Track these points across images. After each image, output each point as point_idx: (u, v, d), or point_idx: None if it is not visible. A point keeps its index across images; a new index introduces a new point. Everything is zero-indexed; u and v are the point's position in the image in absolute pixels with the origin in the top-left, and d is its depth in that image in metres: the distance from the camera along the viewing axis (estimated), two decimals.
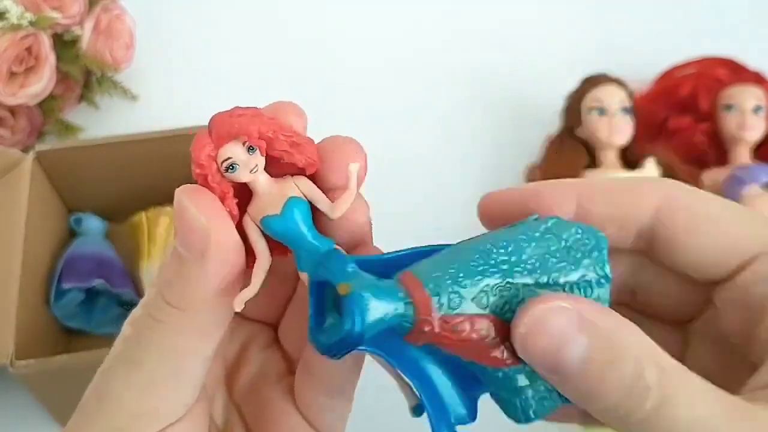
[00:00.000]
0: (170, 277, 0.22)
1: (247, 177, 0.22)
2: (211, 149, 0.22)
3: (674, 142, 0.64)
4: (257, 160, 0.22)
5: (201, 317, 0.22)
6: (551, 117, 0.65)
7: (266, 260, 0.23)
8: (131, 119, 0.68)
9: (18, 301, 0.46)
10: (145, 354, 0.23)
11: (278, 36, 0.76)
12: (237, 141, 0.22)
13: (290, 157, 0.23)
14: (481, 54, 0.75)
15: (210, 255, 0.21)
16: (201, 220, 0.21)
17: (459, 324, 0.21)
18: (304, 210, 0.23)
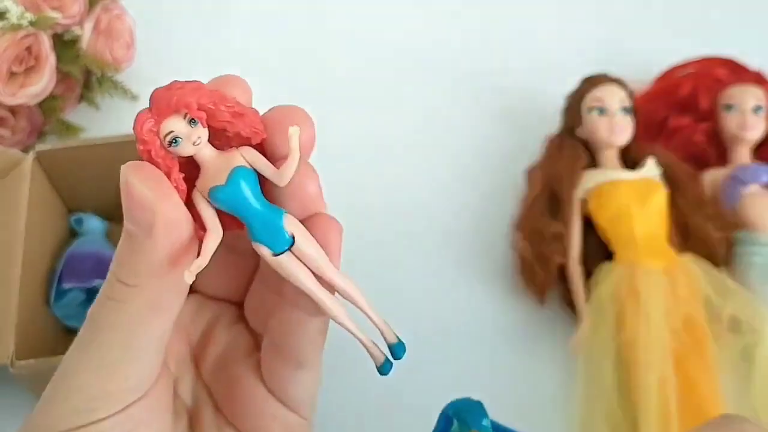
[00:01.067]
0: (122, 255, 0.23)
1: (191, 150, 0.22)
2: (152, 124, 0.22)
3: (674, 142, 0.64)
4: (199, 132, 0.22)
5: (152, 292, 0.22)
6: (551, 117, 0.65)
7: (216, 233, 0.23)
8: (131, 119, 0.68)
9: (18, 301, 0.47)
10: (98, 334, 0.23)
11: (278, 36, 0.76)
12: (178, 114, 0.22)
13: (233, 127, 0.22)
14: (481, 54, 0.75)
15: (157, 229, 0.21)
16: (147, 195, 0.22)
17: None
18: (251, 179, 0.23)
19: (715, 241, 0.58)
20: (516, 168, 0.65)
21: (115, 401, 0.23)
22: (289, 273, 0.23)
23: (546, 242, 0.58)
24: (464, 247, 0.62)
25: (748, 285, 0.56)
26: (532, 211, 0.60)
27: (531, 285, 0.58)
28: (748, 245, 0.58)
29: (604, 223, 0.58)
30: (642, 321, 0.53)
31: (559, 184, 0.59)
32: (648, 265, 0.55)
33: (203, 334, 0.28)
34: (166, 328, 0.23)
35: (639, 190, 0.58)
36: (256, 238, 0.23)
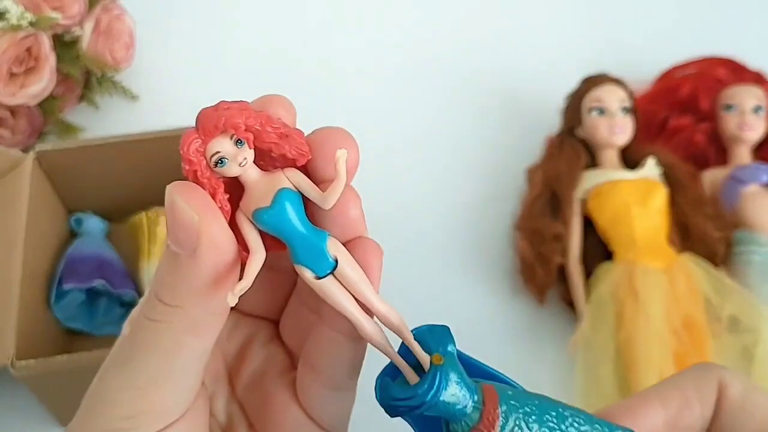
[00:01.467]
0: (163, 275, 0.22)
1: (237, 171, 0.22)
2: (199, 144, 0.22)
3: (674, 142, 0.64)
4: (246, 153, 0.22)
5: (194, 314, 0.22)
6: (551, 117, 0.65)
7: (260, 254, 0.23)
8: (131, 119, 0.68)
9: (19, 301, 0.47)
10: (138, 354, 0.22)
11: (278, 35, 0.76)
12: (225, 135, 0.22)
13: (279, 148, 0.22)
14: (481, 54, 0.75)
15: (201, 250, 0.21)
16: (192, 216, 0.21)
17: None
18: (296, 201, 0.22)
19: (715, 241, 0.58)
20: (516, 168, 0.65)
21: (155, 420, 0.23)
22: (330, 296, 0.23)
23: (546, 242, 0.58)
24: (465, 246, 0.62)
25: (748, 284, 0.56)
26: (532, 211, 0.60)
27: (531, 284, 0.58)
28: (747, 245, 0.58)
29: (603, 223, 0.58)
30: (641, 320, 0.53)
31: (559, 184, 0.59)
32: (648, 265, 0.55)
33: (239, 351, 0.28)
34: (205, 349, 0.23)
35: (639, 190, 0.58)
36: (299, 261, 0.22)
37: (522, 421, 0.21)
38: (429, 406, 0.21)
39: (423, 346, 0.22)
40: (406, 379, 0.22)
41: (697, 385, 0.24)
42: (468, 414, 0.21)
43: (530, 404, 0.22)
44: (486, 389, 0.22)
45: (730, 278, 0.56)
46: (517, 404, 0.22)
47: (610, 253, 0.57)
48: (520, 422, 0.21)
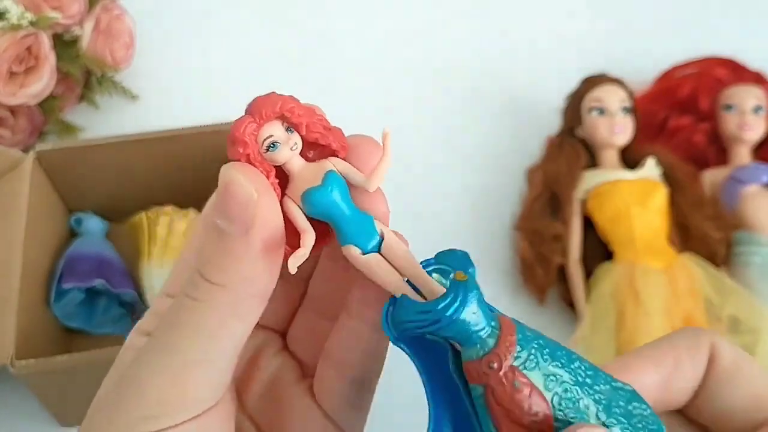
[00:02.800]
0: (208, 253, 0.22)
1: (287, 155, 0.22)
2: (254, 128, 0.22)
3: (674, 142, 0.64)
4: (296, 138, 0.23)
5: (238, 294, 0.22)
6: (551, 117, 0.65)
7: (311, 231, 0.23)
8: (131, 119, 0.68)
9: (18, 301, 0.46)
10: (177, 334, 0.22)
11: (279, 36, 0.76)
12: (277, 121, 0.22)
13: (324, 139, 0.23)
14: (481, 54, 0.75)
15: (255, 228, 0.21)
16: (251, 192, 0.21)
17: (522, 384, 0.21)
18: (342, 184, 0.23)
19: (715, 241, 0.58)
20: (516, 168, 0.65)
21: (188, 408, 0.22)
22: (376, 271, 0.23)
23: (546, 242, 0.58)
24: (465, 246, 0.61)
25: (747, 284, 0.56)
26: (532, 211, 0.60)
27: (531, 284, 0.58)
28: (747, 245, 0.58)
29: (603, 223, 0.58)
30: (642, 320, 0.53)
31: (559, 184, 0.59)
32: (648, 265, 0.55)
33: (248, 363, 0.27)
34: (243, 336, 0.23)
35: (639, 190, 0.58)
36: (347, 240, 0.23)
37: (537, 352, 0.21)
38: (448, 322, 0.21)
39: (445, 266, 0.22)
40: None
41: (690, 348, 0.24)
42: (483, 339, 0.21)
43: (543, 340, 0.22)
44: (502, 318, 0.22)
45: (730, 278, 0.56)
46: (532, 336, 0.22)
47: (610, 253, 0.57)
48: (535, 353, 0.21)
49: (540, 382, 0.21)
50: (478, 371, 0.21)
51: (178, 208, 0.57)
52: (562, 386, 0.21)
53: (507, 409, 0.21)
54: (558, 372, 0.21)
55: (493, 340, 0.21)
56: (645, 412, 0.22)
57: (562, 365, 0.21)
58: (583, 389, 0.21)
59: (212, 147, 0.57)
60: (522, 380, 0.21)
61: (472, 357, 0.21)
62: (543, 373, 0.21)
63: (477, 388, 0.21)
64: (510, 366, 0.21)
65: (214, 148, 0.57)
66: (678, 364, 0.24)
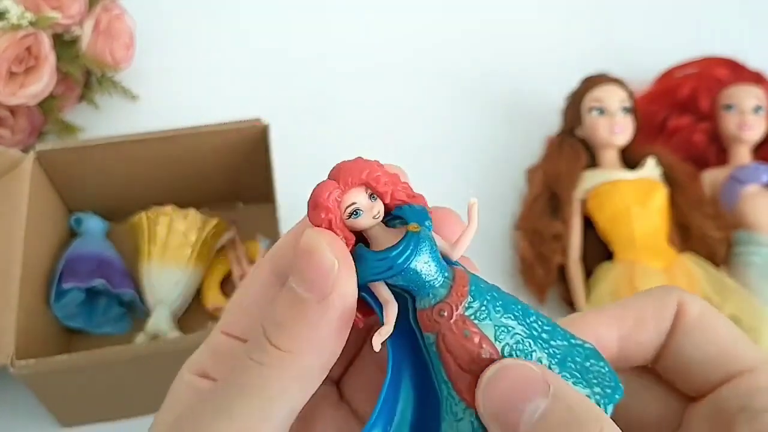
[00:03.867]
0: (279, 318, 0.22)
1: (369, 223, 0.23)
2: (338, 194, 0.22)
3: (674, 142, 0.64)
4: (379, 206, 0.23)
5: (306, 362, 0.22)
6: (551, 117, 0.65)
7: (394, 302, 0.23)
8: (131, 119, 0.68)
9: (18, 301, 0.47)
10: (241, 399, 0.21)
11: (278, 36, 0.76)
12: (361, 188, 0.22)
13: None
14: (482, 54, 0.75)
15: (333, 297, 0.21)
16: (332, 261, 0.21)
17: (472, 333, 0.21)
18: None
19: (715, 241, 0.58)
20: (516, 168, 0.65)
21: None
22: None
23: (546, 242, 0.58)
24: None
25: (747, 284, 0.56)
26: (533, 211, 0.60)
27: (531, 284, 0.58)
28: (747, 245, 0.58)
29: (603, 223, 0.58)
30: None
31: (559, 184, 0.59)
32: (648, 265, 0.55)
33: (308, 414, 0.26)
34: (302, 402, 0.22)
35: (639, 189, 0.58)
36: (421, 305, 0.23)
37: (489, 304, 0.22)
38: (400, 269, 0.21)
39: (401, 218, 0.23)
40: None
41: (656, 304, 0.24)
42: (436, 287, 0.22)
43: (498, 293, 0.22)
44: (457, 270, 0.23)
45: (730, 278, 0.56)
46: (485, 288, 0.22)
47: (610, 253, 0.57)
48: (487, 305, 0.22)
49: (491, 332, 0.22)
50: (430, 319, 0.22)
51: (178, 208, 0.57)
52: (514, 338, 0.22)
53: (456, 356, 0.22)
54: (511, 324, 0.22)
55: (445, 290, 0.22)
56: (603, 370, 0.23)
57: (515, 318, 0.22)
58: (537, 343, 0.22)
59: (212, 147, 0.57)
60: (472, 329, 0.21)
61: (425, 306, 0.22)
62: (494, 324, 0.22)
63: (429, 336, 0.22)
64: (460, 315, 0.22)
65: (214, 148, 0.57)
66: (640, 321, 0.24)
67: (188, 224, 0.56)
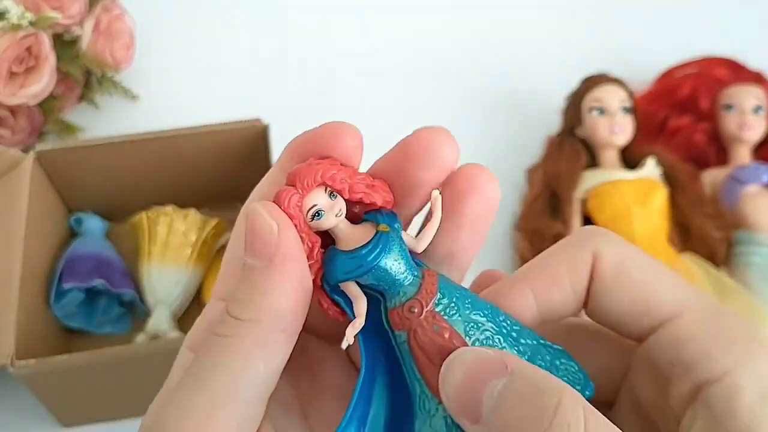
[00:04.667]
0: (236, 291, 0.22)
1: (333, 222, 0.23)
2: (297, 198, 0.22)
3: (674, 142, 0.64)
4: (340, 204, 0.23)
5: (265, 329, 0.22)
6: (551, 117, 0.65)
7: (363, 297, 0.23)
8: (131, 119, 0.68)
9: (18, 301, 0.46)
10: (205, 372, 0.22)
11: (278, 36, 0.76)
12: (320, 188, 0.23)
13: (369, 197, 0.23)
14: (482, 54, 0.75)
15: (277, 260, 0.22)
16: (271, 224, 0.22)
17: (441, 328, 0.22)
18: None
19: (715, 241, 0.58)
20: (516, 168, 0.65)
21: None
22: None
23: (546, 242, 0.58)
24: None
25: (747, 284, 0.56)
26: (533, 211, 0.60)
27: None
28: (747, 245, 0.58)
29: (603, 223, 0.58)
30: None
31: (559, 184, 0.59)
32: None
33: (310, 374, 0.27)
34: (273, 372, 0.22)
35: (639, 189, 0.58)
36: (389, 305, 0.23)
37: (458, 301, 0.22)
38: (369, 267, 0.22)
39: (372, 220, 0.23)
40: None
41: (570, 259, 0.23)
42: (405, 286, 0.22)
43: (466, 292, 0.23)
44: (426, 270, 0.23)
45: (730, 278, 0.56)
46: (454, 287, 0.23)
47: None
48: (456, 302, 0.22)
49: (461, 327, 0.22)
50: (401, 317, 0.22)
51: (178, 208, 0.57)
52: (484, 334, 0.22)
53: (427, 352, 0.22)
54: (480, 320, 0.22)
55: (415, 287, 0.22)
56: (572, 368, 0.23)
57: (484, 315, 0.22)
58: (507, 340, 0.22)
59: (212, 147, 0.57)
60: (442, 324, 0.22)
61: (396, 304, 0.23)
62: (464, 320, 0.22)
63: (401, 335, 0.23)
64: (430, 311, 0.22)
65: (214, 148, 0.57)
66: (555, 281, 0.23)
67: (188, 224, 0.56)
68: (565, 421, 0.19)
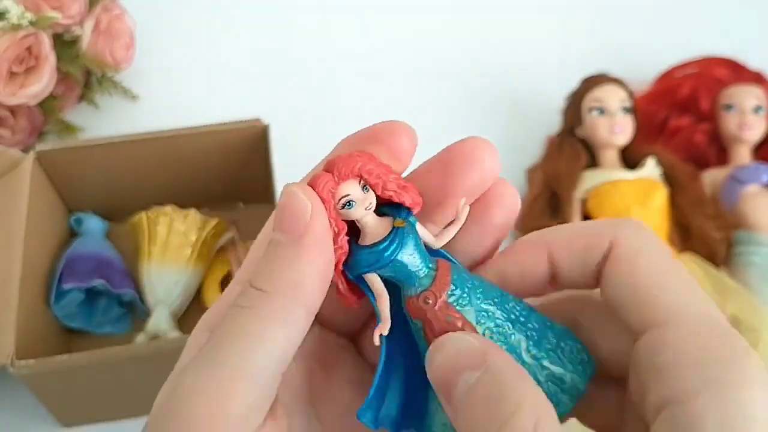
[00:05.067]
0: (259, 265, 0.23)
1: (361, 213, 0.24)
2: (332, 185, 0.23)
3: (674, 142, 0.64)
4: (371, 198, 0.24)
5: (285, 300, 0.22)
6: (551, 117, 0.65)
7: (386, 295, 0.24)
8: (131, 119, 0.68)
9: (18, 301, 0.46)
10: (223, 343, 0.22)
11: (278, 36, 0.76)
12: (355, 180, 0.24)
13: (399, 197, 0.24)
14: (482, 54, 0.75)
15: (306, 239, 0.22)
16: (306, 203, 0.23)
17: (454, 318, 0.23)
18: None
19: (715, 241, 0.58)
20: (516, 168, 0.65)
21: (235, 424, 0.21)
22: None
23: None
24: None
25: (747, 284, 0.56)
26: (533, 211, 0.60)
27: None
28: (747, 245, 0.58)
29: None
30: None
31: (559, 184, 0.59)
32: None
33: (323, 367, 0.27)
34: (286, 346, 0.22)
35: (639, 189, 0.58)
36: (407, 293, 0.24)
37: (470, 291, 0.24)
38: (387, 261, 0.23)
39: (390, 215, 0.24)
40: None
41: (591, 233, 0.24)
42: (420, 278, 0.24)
43: (478, 281, 0.24)
44: (440, 261, 0.24)
45: (730, 278, 0.56)
46: (467, 278, 0.24)
47: None
48: (468, 292, 0.24)
49: (472, 317, 0.23)
50: (416, 307, 0.24)
51: (178, 208, 0.57)
52: (494, 322, 0.23)
53: None
54: (490, 309, 0.23)
55: (430, 280, 0.24)
56: (576, 347, 0.24)
57: (494, 303, 0.24)
58: (516, 326, 0.24)
59: (212, 147, 0.57)
60: (455, 315, 0.23)
61: (412, 294, 0.24)
62: (475, 310, 0.23)
63: (417, 323, 0.24)
64: (444, 302, 0.23)
65: (214, 148, 0.57)
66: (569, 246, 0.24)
67: (188, 224, 0.56)
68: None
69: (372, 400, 0.24)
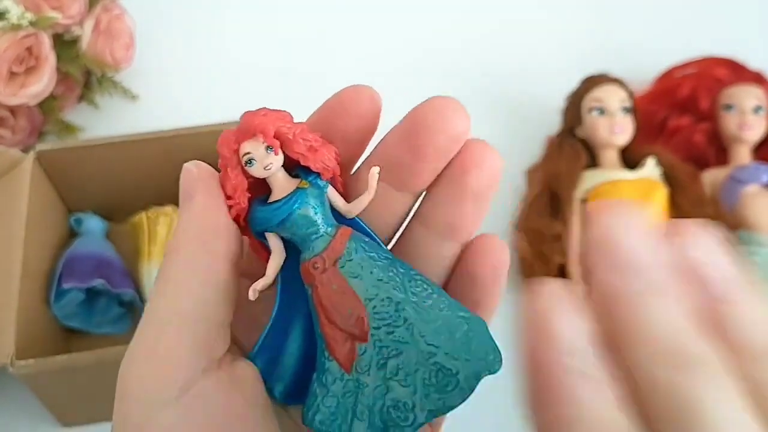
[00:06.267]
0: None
1: (261, 173, 0.24)
2: (233, 143, 0.24)
3: (674, 142, 0.64)
4: (271, 159, 0.24)
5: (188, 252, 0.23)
6: (551, 117, 0.65)
7: (280, 254, 0.24)
8: (131, 119, 0.68)
9: (18, 301, 0.47)
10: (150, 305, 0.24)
11: (279, 35, 0.76)
12: (257, 138, 0.24)
13: (305, 160, 0.24)
14: (482, 54, 0.75)
15: (196, 193, 0.24)
16: (192, 169, 0.25)
17: (339, 287, 0.23)
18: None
19: None
20: (516, 168, 0.65)
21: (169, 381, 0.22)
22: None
23: (546, 242, 0.58)
24: None
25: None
26: (533, 211, 0.60)
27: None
28: (747, 245, 0.58)
29: None
30: None
31: (559, 184, 0.59)
32: None
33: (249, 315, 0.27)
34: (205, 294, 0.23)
35: (639, 189, 0.58)
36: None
37: (365, 263, 0.23)
38: (277, 221, 0.23)
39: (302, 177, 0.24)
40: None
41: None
42: (314, 241, 0.23)
43: (381, 254, 0.24)
44: (342, 228, 0.24)
45: None
46: (366, 248, 0.23)
47: None
48: (362, 263, 0.23)
49: (361, 289, 0.23)
50: (307, 271, 0.23)
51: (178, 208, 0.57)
52: (384, 294, 0.23)
53: (326, 309, 0.23)
54: (384, 286, 0.23)
55: (324, 244, 0.23)
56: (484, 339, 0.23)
57: (390, 280, 0.23)
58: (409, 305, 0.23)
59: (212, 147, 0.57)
60: (342, 284, 0.23)
61: (305, 258, 0.23)
62: (366, 283, 0.23)
63: (308, 288, 0.23)
64: (332, 269, 0.23)
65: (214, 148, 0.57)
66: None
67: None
68: None
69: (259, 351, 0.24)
